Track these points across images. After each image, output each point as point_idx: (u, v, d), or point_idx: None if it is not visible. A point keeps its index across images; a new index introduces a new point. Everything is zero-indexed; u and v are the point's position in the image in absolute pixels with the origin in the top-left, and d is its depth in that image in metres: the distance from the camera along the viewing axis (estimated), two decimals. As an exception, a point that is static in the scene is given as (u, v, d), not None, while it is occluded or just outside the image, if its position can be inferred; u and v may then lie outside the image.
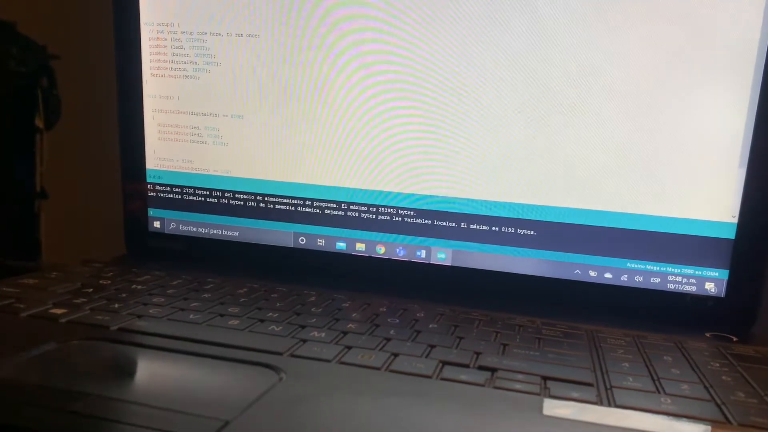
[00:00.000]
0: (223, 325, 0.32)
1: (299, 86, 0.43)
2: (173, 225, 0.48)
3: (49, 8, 0.63)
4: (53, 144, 0.61)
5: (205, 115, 0.46)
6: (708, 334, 0.38)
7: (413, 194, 0.43)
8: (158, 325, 0.32)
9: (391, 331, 0.33)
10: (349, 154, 0.43)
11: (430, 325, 0.35)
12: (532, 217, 0.41)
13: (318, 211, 0.45)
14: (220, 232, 0.47)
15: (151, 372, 0.28)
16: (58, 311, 0.32)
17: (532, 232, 0.41)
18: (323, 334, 0.32)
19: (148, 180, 0.48)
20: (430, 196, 0.42)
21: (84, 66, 0.60)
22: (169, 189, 0.47)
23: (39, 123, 0.62)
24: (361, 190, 0.44)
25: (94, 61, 0.58)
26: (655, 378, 0.29)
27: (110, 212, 0.50)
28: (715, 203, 0.38)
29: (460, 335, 0.33)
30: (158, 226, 0.48)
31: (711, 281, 0.39)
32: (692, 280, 0.40)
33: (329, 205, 0.45)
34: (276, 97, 0.44)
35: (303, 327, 0.33)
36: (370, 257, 0.45)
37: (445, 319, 0.36)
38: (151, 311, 0.34)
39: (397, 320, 0.35)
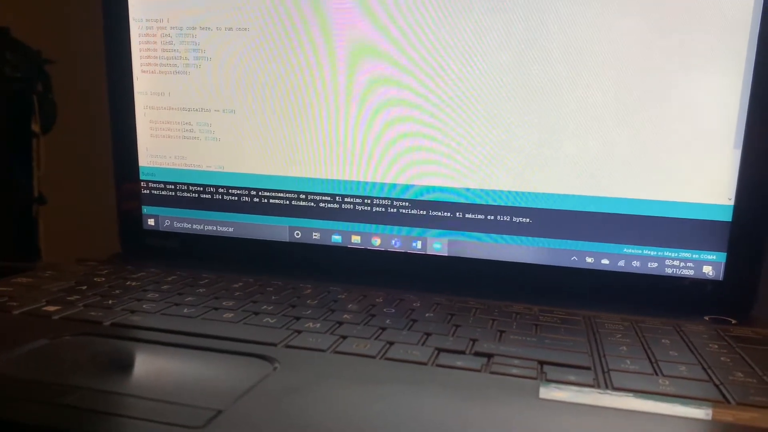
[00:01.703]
0: (217, 318, 0.32)
1: (290, 79, 0.43)
2: (167, 222, 0.48)
3: (41, 12, 0.63)
4: (50, 147, 0.61)
5: (196, 110, 0.45)
6: (707, 318, 0.38)
7: (408, 185, 0.42)
8: (152, 320, 0.31)
9: (387, 321, 0.33)
10: (342, 147, 0.43)
11: (426, 314, 0.34)
12: (528, 205, 0.41)
13: (313, 204, 0.45)
14: (214, 228, 0.47)
15: (144, 365, 0.28)
16: (51, 308, 0.32)
17: (528, 220, 0.41)
18: (318, 325, 0.31)
19: (142, 177, 0.47)
20: (425, 187, 0.42)
21: (78, 68, 0.60)
22: (162, 186, 0.47)
23: (35, 127, 0.62)
24: (355, 182, 0.43)
25: (88, 63, 0.58)
26: (653, 360, 0.29)
27: (107, 212, 0.50)
28: (711, 186, 0.38)
29: (457, 323, 0.33)
30: (152, 223, 0.48)
31: (709, 265, 0.39)
32: (690, 264, 0.39)
33: (324, 198, 0.44)
34: (267, 91, 0.44)
35: (298, 318, 0.32)
36: (365, 249, 0.44)
37: (441, 308, 0.36)
38: (145, 306, 0.33)
39: (393, 310, 0.35)
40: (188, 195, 0.47)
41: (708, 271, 0.39)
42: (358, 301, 0.36)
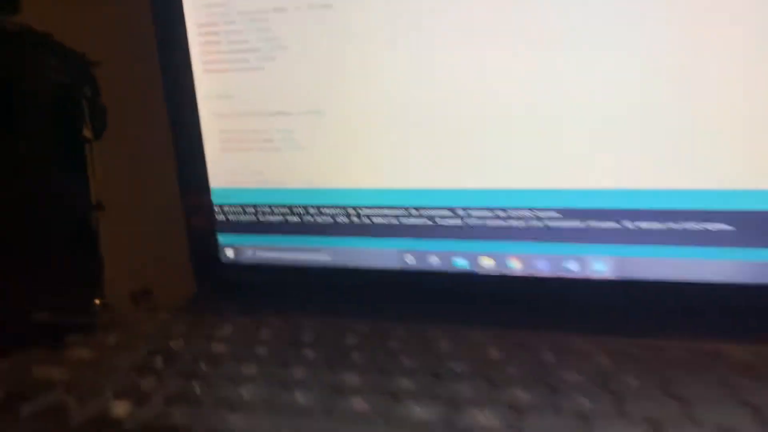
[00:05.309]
0: (345, 409, 0.23)
1: (391, 67, 0.34)
2: (250, 253, 0.39)
3: (83, 13, 0.56)
4: (104, 157, 0.55)
5: (274, 114, 0.36)
6: None
7: (558, 190, 0.33)
8: (258, 423, 0.23)
9: (580, 397, 0.23)
10: (466, 146, 0.33)
11: (625, 378, 0.25)
12: (727, 207, 0.30)
13: (428, 221, 0.35)
14: (307, 256, 0.38)
15: None
16: (121, 408, 0.24)
17: (729, 227, 0.31)
18: (490, 417, 0.22)
19: (214, 201, 0.39)
20: (582, 190, 0.32)
21: (129, 70, 0.52)
22: (240, 210, 0.39)
23: (87, 133, 0.56)
24: (484, 190, 0.34)
25: (139, 64, 0.50)
26: None
27: (174, 238, 0.42)
28: None
29: (675, 394, 0.23)
30: (232, 255, 0.40)
31: None
32: None
33: (442, 212, 0.35)
34: (362, 84, 0.34)
35: (456, 402, 0.23)
36: (501, 275, 0.35)
37: (640, 365, 0.26)
38: (243, 394, 0.25)
39: (577, 374, 0.25)
40: (272, 219, 0.38)
41: None
42: (519, 358, 0.27)
